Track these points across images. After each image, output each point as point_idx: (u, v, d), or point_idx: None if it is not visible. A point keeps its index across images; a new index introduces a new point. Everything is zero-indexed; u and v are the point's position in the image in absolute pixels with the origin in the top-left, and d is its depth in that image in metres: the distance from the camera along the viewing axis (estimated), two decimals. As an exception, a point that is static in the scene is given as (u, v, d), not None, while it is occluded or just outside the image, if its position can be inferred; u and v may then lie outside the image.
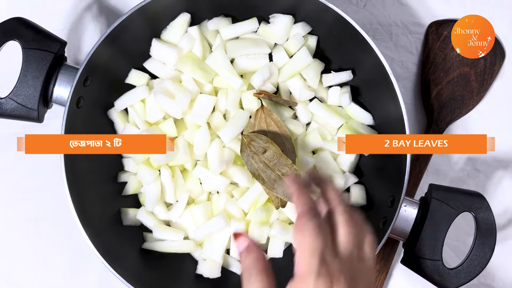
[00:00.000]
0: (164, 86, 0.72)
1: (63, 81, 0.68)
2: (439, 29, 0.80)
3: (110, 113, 0.76)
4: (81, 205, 0.67)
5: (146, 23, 0.72)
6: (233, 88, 0.73)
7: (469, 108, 0.81)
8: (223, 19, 0.75)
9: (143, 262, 0.74)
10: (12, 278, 0.82)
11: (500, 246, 0.79)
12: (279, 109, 0.75)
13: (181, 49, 0.73)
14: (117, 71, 0.75)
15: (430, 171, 0.81)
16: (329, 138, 0.75)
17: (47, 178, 0.82)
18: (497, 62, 0.80)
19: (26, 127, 0.81)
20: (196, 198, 0.76)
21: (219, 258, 0.73)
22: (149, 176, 0.72)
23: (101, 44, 0.67)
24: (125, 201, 0.77)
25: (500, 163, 0.82)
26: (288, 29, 0.74)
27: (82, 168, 0.70)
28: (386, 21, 0.82)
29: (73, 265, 0.82)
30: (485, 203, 0.66)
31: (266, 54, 0.74)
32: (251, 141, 0.70)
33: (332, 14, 0.67)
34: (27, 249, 0.82)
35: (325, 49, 0.77)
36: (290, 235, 0.73)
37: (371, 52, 0.67)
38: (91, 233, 0.67)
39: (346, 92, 0.75)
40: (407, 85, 0.82)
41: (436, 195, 0.66)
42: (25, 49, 0.67)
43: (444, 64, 0.80)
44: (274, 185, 0.69)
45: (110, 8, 0.81)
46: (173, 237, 0.74)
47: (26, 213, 0.82)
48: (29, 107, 0.67)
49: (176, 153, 0.72)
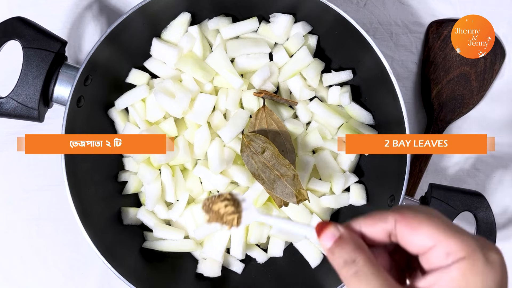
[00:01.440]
0: (165, 86, 0.72)
1: (63, 80, 0.68)
2: (439, 29, 0.80)
3: (111, 112, 0.76)
4: (81, 205, 0.67)
5: (146, 23, 0.72)
6: (233, 88, 0.73)
7: (469, 108, 0.81)
8: (223, 18, 0.75)
9: (143, 261, 0.74)
10: (13, 278, 0.82)
11: (500, 246, 0.79)
12: (279, 109, 0.75)
13: (182, 48, 0.73)
14: (117, 71, 0.75)
15: (430, 171, 0.81)
16: (329, 137, 0.75)
17: (48, 178, 0.82)
18: (497, 62, 0.80)
19: (26, 127, 0.81)
20: (197, 197, 0.76)
21: (219, 257, 0.73)
22: (150, 175, 0.72)
23: (102, 44, 0.67)
24: (126, 200, 0.77)
25: (500, 163, 0.82)
26: (288, 28, 0.74)
27: (83, 167, 0.70)
28: (386, 20, 0.82)
29: (73, 265, 0.82)
30: (485, 203, 0.66)
31: (266, 53, 0.74)
32: (251, 141, 0.70)
33: (332, 13, 0.67)
34: (28, 249, 0.82)
35: (325, 49, 0.77)
36: (290, 235, 0.73)
37: (371, 51, 0.67)
38: (92, 232, 0.67)
39: (346, 91, 0.75)
40: (407, 84, 0.82)
41: (436, 194, 0.66)
42: (26, 48, 0.67)
43: (444, 63, 0.80)
44: (274, 185, 0.69)
45: (111, 8, 0.81)
46: (174, 236, 0.74)
47: (27, 213, 0.82)
48: (29, 107, 0.67)
49: (176, 153, 0.72)
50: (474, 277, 0.38)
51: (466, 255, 0.38)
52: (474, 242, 0.39)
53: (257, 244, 0.77)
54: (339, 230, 0.41)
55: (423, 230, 0.39)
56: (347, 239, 0.40)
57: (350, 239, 0.40)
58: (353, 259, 0.40)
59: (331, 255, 0.41)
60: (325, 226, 0.42)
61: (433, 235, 0.39)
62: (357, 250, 0.40)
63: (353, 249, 0.40)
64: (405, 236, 0.40)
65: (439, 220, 0.39)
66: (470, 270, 0.38)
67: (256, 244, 0.76)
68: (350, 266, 0.39)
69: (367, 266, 0.39)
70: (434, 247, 0.39)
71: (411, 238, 0.39)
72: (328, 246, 0.41)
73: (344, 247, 0.40)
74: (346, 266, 0.40)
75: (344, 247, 0.40)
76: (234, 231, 0.59)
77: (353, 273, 0.39)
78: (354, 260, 0.39)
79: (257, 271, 0.77)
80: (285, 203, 0.71)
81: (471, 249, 0.38)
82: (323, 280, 0.72)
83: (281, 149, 0.71)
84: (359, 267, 0.39)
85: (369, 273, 0.38)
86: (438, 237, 0.39)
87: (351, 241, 0.40)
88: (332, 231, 0.41)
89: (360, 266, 0.39)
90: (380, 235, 0.41)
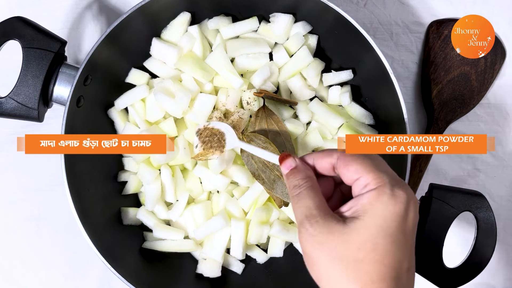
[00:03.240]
0: (164, 86, 0.72)
1: (63, 80, 0.68)
2: (440, 28, 0.80)
3: (110, 112, 0.76)
4: (81, 205, 0.67)
5: (146, 22, 0.71)
6: (233, 88, 0.73)
7: (470, 108, 0.81)
8: (223, 18, 0.75)
9: (143, 262, 0.74)
10: (12, 277, 0.82)
11: (501, 246, 0.79)
12: (279, 109, 0.75)
13: (181, 48, 0.73)
14: (117, 70, 0.75)
15: (430, 171, 0.81)
16: (330, 137, 0.75)
17: (47, 178, 0.82)
18: (498, 62, 0.80)
19: (26, 127, 0.81)
20: (196, 197, 0.76)
21: (219, 257, 0.73)
22: (149, 175, 0.72)
23: (101, 43, 0.67)
24: (125, 200, 0.77)
25: (500, 163, 0.82)
26: (289, 28, 0.74)
27: (82, 167, 0.70)
28: (387, 20, 0.82)
29: (73, 265, 0.82)
30: (485, 203, 0.66)
31: (266, 53, 0.74)
32: (251, 141, 0.70)
33: (332, 13, 0.67)
34: (28, 249, 0.82)
35: (325, 48, 0.77)
36: (290, 235, 0.73)
37: (372, 51, 0.67)
38: (91, 233, 0.67)
39: (347, 91, 0.75)
40: (408, 84, 0.82)
41: (437, 194, 0.66)
42: (25, 48, 0.67)
43: (444, 63, 0.80)
44: (274, 185, 0.69)
45: (110, 7, 0.81)
46: (173, 236, 0.74)
47: (27, 213, 0.82)
48: (29, 107, 0.67)
49: (176, 153, 0.72)
50: (378, 204, 0.47)
51: (377, 187, 0.47)
52: (387, 178, 0.48)
53: (257, 244, 0.76)
54: (295, 162, 0.53)
55: (353, 166, 0.49)
56: (299, 169, 0.52)
57: (301, 169, 0.52)
58: (300, 184, 0.51)
59: (287, 179, 0.53)
60: (286, 157, 0.54)
61: (358, 170, 0.49)
62: (304, 178, 0.51)
63: (301, 177, 0.51)
64: (340, 169, 0.50)
65: (368, 160, 0.49)
66: (376, 198, 0.47)
67: (256, 244, 0.76)
68: (296, 189, 0.51)
69: (307, 190, 0.50)
70: (358, 180, 0.49)
71: (344, 172, 0.50)
72: (285, 172, 0.53)
73: (296, 175, 0.52)
74: (294, 189, 0.51)
75: (296, 175, 0.52)
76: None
77: (296, 194, 0.50)
78: (301, 185, 0.51)
79: (257, 271, 0.77)
80: (285, 203, 0.70)
81: (382, 183, 0.47)
82: (323, 280, 0.72)
83: (281, 149, 0.71)
84: (301, 190, 0.50)
85: (307, 195, 0.50)
86: (361, 172, 0.49)
87: (302, 171, 0.52)
88: (290, 162, 0.53)
89: (303, 189, 0.50)
90: (327, 167, 0.52)
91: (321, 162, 0.52)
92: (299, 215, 0.49)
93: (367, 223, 0.46)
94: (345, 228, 0.47)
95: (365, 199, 0.47)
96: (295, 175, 0.52)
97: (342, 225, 0.47)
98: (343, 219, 0.48)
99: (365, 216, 0.47)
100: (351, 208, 0.48)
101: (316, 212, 0.48)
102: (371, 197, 0.47)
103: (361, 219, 0.47)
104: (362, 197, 0.48)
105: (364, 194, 0.48)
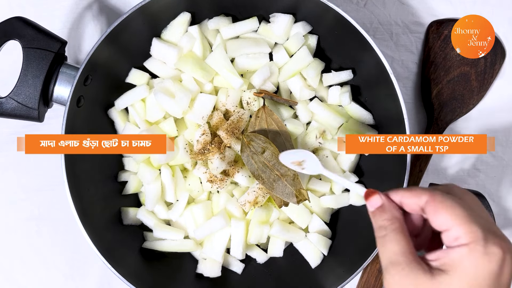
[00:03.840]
0: (165, 86, 0.72)
1: (63, 80, 0.68)
2: (440, 29, 0.80)
3: (111, 112, 0.76)
4: (81, 205, 0.67)
5: (146, 23, 0.71)
6: (233, 88, 0.73)
7: (470, 108, 0.81)
8: (223, 18, 0.75)
9: (143, 261, 0.74)
10: (12, 277, 0.82)
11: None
12: (279, 109, 0.75)
13: (182, 48, 0.73)
14: (117, 71, 0.75)
15: (430, 171, 0.81)
16: (329, 137, 0.75)
17: (48, 178, 0.82)
18: (498, 62, 0.80)
19: (26, 127, 0.81)
20: (196, 197, 0.76)
21: (219, 257, 0.73)
22: (150, 175, 0.72)
23: (102, 43, 0.67)
24: (126, 200, 0.77)
25: (500, 163, 0.82)
26: (289, 28, 0.74)
27: (82, 167, 0.70)
28: (387, 20, 0.82)
29: (73, 265, 0.82)
30: (485, 203, 0.66)
31: (266, 53, 0.74)
32: (251, 141, 0.70)
33: (332, 13, 0.67)
34: (28, 249, 0.82)
35: (325, 49, 0.77)
36: (290, 235, 0.73)
37: (372, 51, 0.67)
38: (91, 232, 0.67)
39: (347, 91, 0.75)
40: (407, 84, 0.82)
41: (437, 194, 0.66)
42: (26, 48, 0.67)
43: (444, 63, 0.80)
44: (274, 185, 0.69)
45: (111, 7, 0.81)
46: (173, 236, 0.74)
47: (27, 213, 0.82)
48: (29, 107, 0.67)
49: (176, 153, 0.72)
50: (469, 262, 0.44)
51: (469, 242, 0.44)
52: (480, 231, 0.45)
53: (257, 244, 0.77)
54: (381, 200, 0.50)
55: (443, 214, 0.46)
56: (386, 209, 0.50)
57: (388, 209, 0.49)
58: (386, 225, 0.49)
59: (372, 217, 0.50)
60: (372, 194, 0.51)
61: (449, 220, 0.46)
62: (390, 219, 0.49)
63: (388, 217, 0.49)
64: (430, 215, 0.47)
65: (460, 208, 0.46)
66: (467, 255, 0.44)
67: (256, 244, 0.76)
68: (381, 230, 0.49)
69: (393, 233, 0.48)
70: (449, 230, 0.46)
71: (434, 218, 0.47)
72: (371, 210, 0.50)
73: (382, 215, 0.49)
74: (379, 230, 0.49)
75: (382, 215, 0.49)
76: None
77: (381, 236, 0.48)
78: (386, 227, 0.48)
79: (257, 271, 0.77)
80: (285, 203, 0.71)
81: (475, 238, 0.44)
82: (323, 280, 0.72)
83: (281, 149, 0.71)
84: (388, 232, 0.48)
85: (393, 239, 0.47)
86: (452, 223, 0.46)
87: (388, 211, 0.49)
88: (376, 200, 0.50)
89: (388, 232, 0.48)
90: (415, 208, 0.49)
91: (409, 202, 0.49)
92: (384, 260, 0.47)
93: (457, 281, 0.44)
94: (432, 281, 0.45)
95: (455, 253, 0.45)
96: (381, 215, 0.49)
97: (429, 278, 0.45)
98: (430, 270, 0.46)
99: (455, 272, 0.44)
100: (440, 259, 0.46)
101: (402, 259, 0.46)
102: (462, 253, 0.44)
103: (450, 274, 0.45)
104: (453, 251, 0.45)
105: (454, 248, 0.45)
